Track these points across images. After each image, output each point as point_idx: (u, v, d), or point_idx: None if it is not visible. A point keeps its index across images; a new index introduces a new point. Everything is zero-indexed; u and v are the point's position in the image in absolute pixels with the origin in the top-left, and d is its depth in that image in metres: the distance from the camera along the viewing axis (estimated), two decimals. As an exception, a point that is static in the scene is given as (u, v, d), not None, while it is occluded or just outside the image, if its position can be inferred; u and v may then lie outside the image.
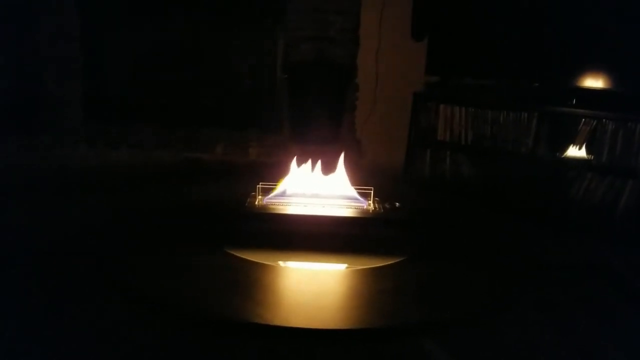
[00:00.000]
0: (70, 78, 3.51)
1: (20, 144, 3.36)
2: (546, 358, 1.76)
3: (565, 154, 2.72)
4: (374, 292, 1.18)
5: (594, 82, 2.75)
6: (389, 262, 1.27)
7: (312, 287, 1.20)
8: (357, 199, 1.45)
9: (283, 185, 1.48)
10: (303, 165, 1.55)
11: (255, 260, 1.25)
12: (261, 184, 1.47)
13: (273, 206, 1.43)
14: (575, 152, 2.70)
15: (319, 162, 1.55)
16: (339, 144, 3.41)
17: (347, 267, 1.26)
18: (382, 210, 1.42)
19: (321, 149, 3.21)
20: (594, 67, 2.76)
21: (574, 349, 1.80)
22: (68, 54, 3.48)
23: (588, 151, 2.67)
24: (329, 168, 1.54)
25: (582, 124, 2.65)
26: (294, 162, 1.54)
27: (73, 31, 3.47)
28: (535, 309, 1.96)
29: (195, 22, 3.57)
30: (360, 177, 1.51)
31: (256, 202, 1.43)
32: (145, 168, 3.35)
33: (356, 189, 1.47)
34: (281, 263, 1.26)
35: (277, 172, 1.55)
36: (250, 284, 1.19)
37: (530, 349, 1.80)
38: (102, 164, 3.38)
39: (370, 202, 1.45)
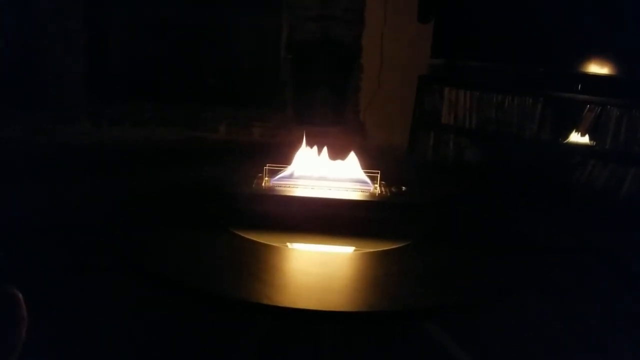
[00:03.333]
0: (73, 53, 3.49)
1: (22, 120, 3.35)
2: (548, 340, 1.78)
3: (569, 139, 2.73)
4: (380, 275, 1.19)
5: (599, 68, 2.75)
6: (396, 246, 1.27)
7: (319, 270, 1.21)
8: (364, 182, 1.45)
9: (290, 167, 1.48)
10: (310, 148, 1.55)
11: (263, 242, 1.25)
12: (268, 166, 1.47)
13: (280, 188, 1.43)
14: (579, 138, 2.71)
15: (326, 145, 1.55)
16: (343, 125, 3.41)
17: (354, 250, 1.27)
18: (389, 194, 1.43)
19: (325, 129, 3.21)
20: (599, 54, 2.76)
21: (574, 332, 1.82)
22: (72, 29, 3.46)
23: (592, 137, 2.68)
24: (335, 150, 1.54)
25: (586, 110, 2.66)
26: (303, 141, 1.54)
27: (77, 6, 3.44)
28: (538, 292, 1.98)
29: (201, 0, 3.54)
30: (363, 159, 1.52)
31: (263, 184, 1.44)
32: (148, 146, 3.35)
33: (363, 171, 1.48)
34: (288, 245, 1.27)
35: (281, 152, 1.55)
36: (258, 265, 1.20)
37: (533, 332, 1.82)
38: (105, 141, 3.38)
39: (377, 185, 1.45)
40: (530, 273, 1.26)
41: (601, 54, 2.74)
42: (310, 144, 1.55)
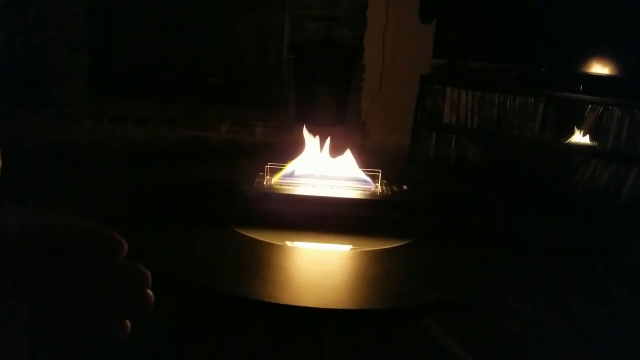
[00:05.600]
0: (76, 52, 3.50)
1: (25, 118, 3.36)
2: (548, 340, 1.79)
3: (570, 139, 2.73)
4: (381, 273, 1.19)
5: (601, 68, 2.75)
6: (397, 244, 1.27)
7: (320, 268, 1.22)
8: (365, 180, 1.46)
9: (291, 166, 1.49)
10: (311, 147, 1.55)
11: (264, 240, 1.25)
12: (269, 164, 1.47)
13: (281, 186, 1.43)
14: (581, 138, 2.71)
15: (327, 144, 1.56)
16: (345, 125, 3.41)
17: (355, 249, 1.27)
18: (390, 193, 1.43)
19: (326, 129, 3.21)
20: (601, 54, 2.76)
21: (576, 331, 1.83)
22: (75, 27, 3.46)
23: (593, 137, 2.68)
24: (335, 149, 1.54)
25: (588, 110, 2.66)
26: (305, 132, 1.54)
27: (80, 4, 3.44)
28: (538, 292, 1.98)
29: (203, -1, 3.55)
30: (365, 158, 1.52)
31: (264, 182, 1.44)
32: (150, 145, 3.36)
33: (364, 171, 1.48)
34: (289, 243, 1.27)
35: (283, 152, 1.55)
36: (259, 263, 1.20)
37: (533, 331, 1.83)
38: (107, 140, 3.39)
39: (378, 184, 1.45)
40: (530, 272, 1.27)
41: (603, 54, 2.74)
42: (311, 142, 1.55)
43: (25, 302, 0.33)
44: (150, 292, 0.38)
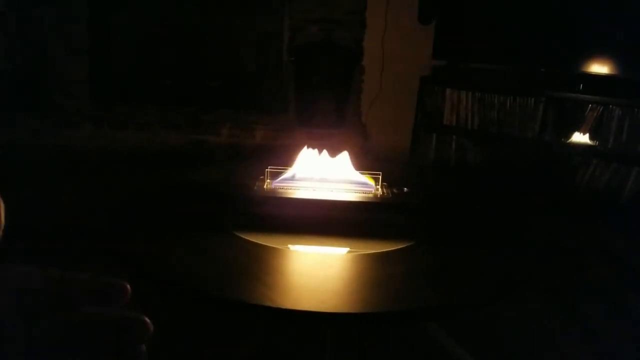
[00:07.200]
0: (76, 58, 3.50)
1: (26, 124, 3.36)
2: (550, 340, 1.78)
3: (571, 139, 2.73)
4: (382, 276, 1.19)
5: (601, 68, 2.74)
6: (398, 247, 1.27)
7: (321, 271, 1.21)
8: (365, 183, 1.45)
9: (292, 170, 1.48)
10: (311, 150, 1.55)
11: (264, 244, 1.25)
12: (270, 168, 1.47)
13: (282, 190, 1.43)
14: (581, 138, 2.71)
15: (327, 147, 1.55)
16: (345, 127, 3.41)
17: (355, 252, 1.27)
18: (391, 195, 1.43)
19: (327, 132, 3.21)
20: (601, 53, 2.75)
21: (577, 331, 1.82)
22: (75, 33, 3.47)
23: (594, 137, 2.67)
24: (335, 152, 1.54)
25: (588, 109, 2.66)
26: (304, 149, 1.54)
27: (80, 10, 3.45)
28: (540, 292, 1.98)
29: (203, 3, 3.55)
30: (365, 161, 1.52)
31: (265, 186, 1.44)
32: (151, 149, 3.36)
33: (364, 173, 1.47)
34: (290, 247, 1.27)
35: (283, 155, 1.55)
36: (259, 267, 1.20)
37: (535, 332, 1.82)
38: (108, 144, 3.39)
39: (379, 186, 1.45)
40: (532, 273, 1.26)
41: (603, 54, 2.74)
42: (311, 146, 1.55)
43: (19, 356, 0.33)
44: (144, 347, 0.37)
